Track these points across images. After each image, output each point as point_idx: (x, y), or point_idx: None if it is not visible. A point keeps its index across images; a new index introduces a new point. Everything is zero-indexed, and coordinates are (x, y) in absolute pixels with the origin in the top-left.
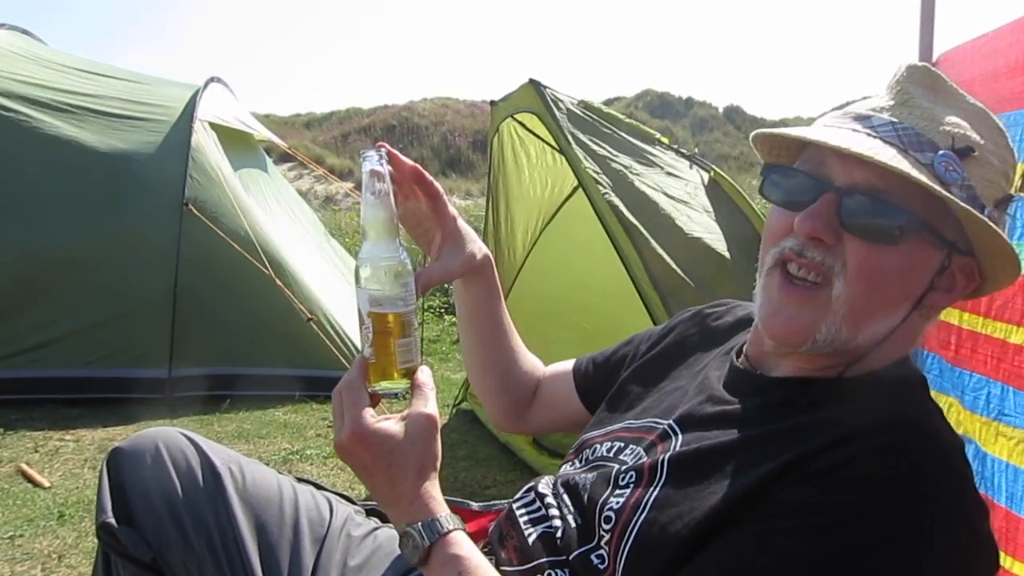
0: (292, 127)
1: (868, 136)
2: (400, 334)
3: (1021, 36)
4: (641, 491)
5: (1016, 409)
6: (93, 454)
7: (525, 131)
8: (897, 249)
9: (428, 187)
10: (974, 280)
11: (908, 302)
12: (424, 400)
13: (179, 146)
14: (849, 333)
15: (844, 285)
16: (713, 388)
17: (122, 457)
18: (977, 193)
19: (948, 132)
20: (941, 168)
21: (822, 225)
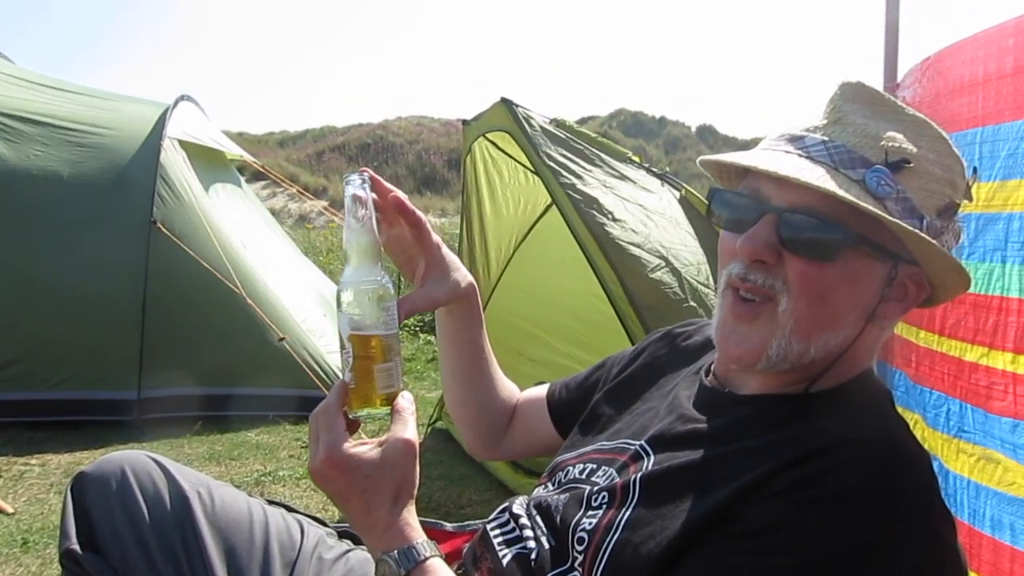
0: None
1: (799, 157)
2: (381, 359)
3: (960, 60)
4: (613, 512)
5: (975, 426)
6: (59, 479)
7: (497, 151)
8: (836, 264)
9: (410, 216)
10: (925, 288)
11: (858, 313)
12: (404, 425)
13: (147, 164)
14: (800, 347)
15: (788, 300)
16: (683, 407)
17: (87, 482)
18: (915, 204)
19: (882, 147)
20: (873, 183)
21: (761, 246)
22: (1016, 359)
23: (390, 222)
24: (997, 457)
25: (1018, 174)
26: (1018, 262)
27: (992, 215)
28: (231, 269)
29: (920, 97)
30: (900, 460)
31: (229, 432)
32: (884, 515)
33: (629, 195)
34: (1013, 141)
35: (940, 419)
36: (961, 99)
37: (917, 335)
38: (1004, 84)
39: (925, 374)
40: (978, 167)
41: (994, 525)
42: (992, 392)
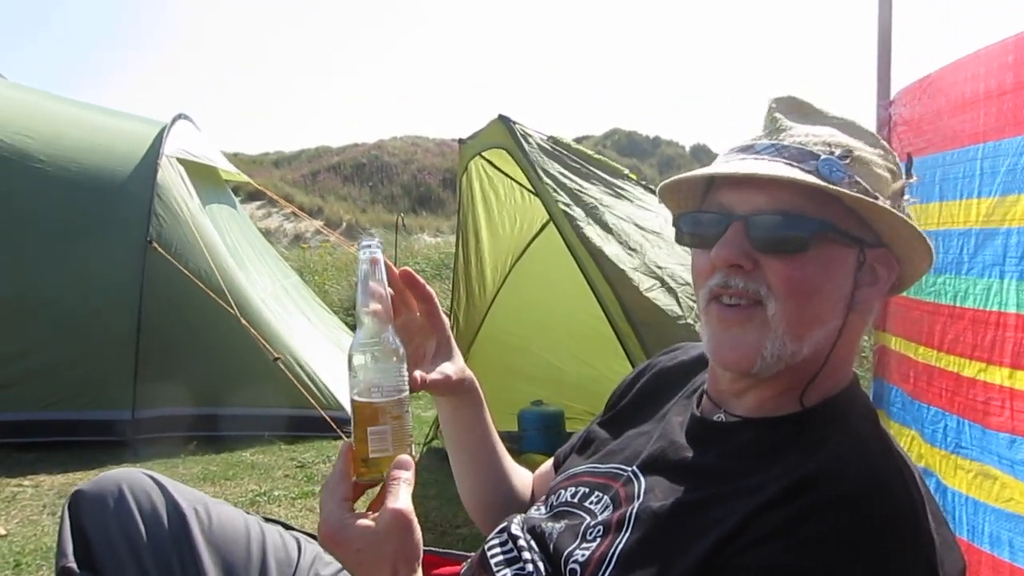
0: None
1: (755, 160)
2: (374, 422)
3: (960, 77)
4: (607, 544)
5: (972, 442)
6: (52, 500)
7: (494, 169)
8: (810, 256)
9: (421, 290)
10: (894, 268)
11: (840, 304)
12: (393, 495)
13: (144, 183)
14: (795, 346)
15: (776, 303)
16: (675, 435)
17: (84, 500)
18: (868, 187)
19: (824, 141)
20: (826, 171)
21: (735, 251)
22: (1013, 374)
23: (398, 308)
24: (995, 473)
25: (1017, 189)
26: (1016, 277)
27: (991, 230)
28: (226, 289)
29: (920, 114)
30: (884, 492)
31: (224, 452)
32: (872, 552)
33: (626, 213)
34: (1013, 157)
35: (938, 435)
36: (962, 116)
37: (916, 351)
38: (1004, 100)
39: (923, 390)
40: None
41: (993, 542)
42: (989, 408)
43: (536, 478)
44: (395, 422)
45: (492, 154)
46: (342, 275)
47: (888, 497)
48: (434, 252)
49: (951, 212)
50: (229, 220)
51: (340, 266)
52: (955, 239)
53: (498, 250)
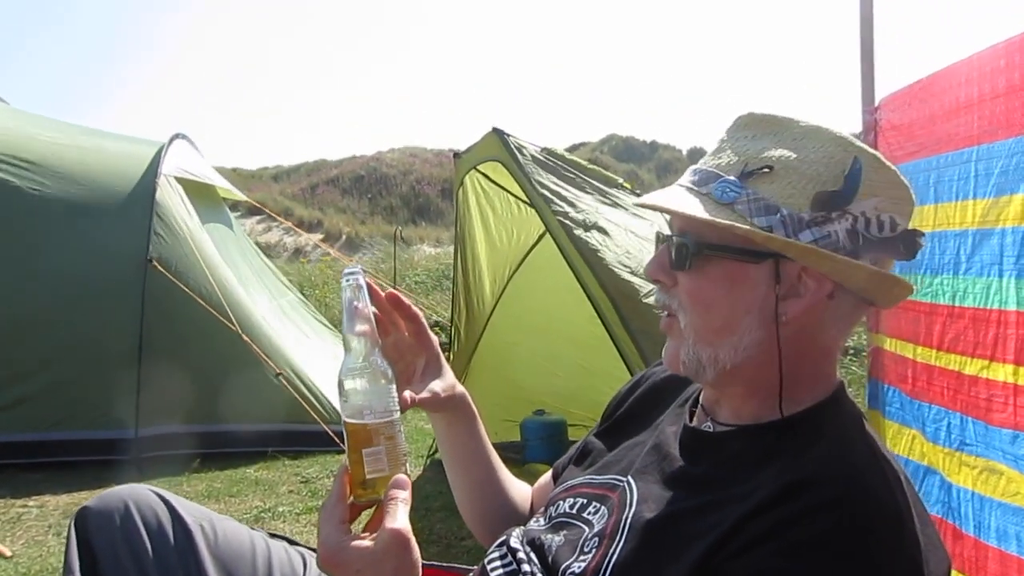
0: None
1: (676, 186)
2: (368, 443)
3: (953, 82)
4: (601, 554)
5: (976, 438)
6: (57, 520)
7: (489, 183)
8: (706, 272)
9: (407, 310)
10: (825, 282)
11: (755, 316)
12: (391, 515)
13: (143, 202)
14: (708, 352)
15: (684, 315)
16: (668, 446)
17: (90, 516)
18: (771, 202)
19: (741, 161)
20: (719, 193)
21: (653, 268)
22: (1017, 371)
23: (386, 328)
24: (1000, 468)
25: (1010, 190)
26: (1014, 275)
27: (987, 231)
28: (227, 306)
29: (911, 119)
30: (868, 494)
31: (228, 469)
32: (858, 557)
33: (621, 221)
34: (1006, 158)
35: (940, 433)
36: (956, 119)
37: (914, 351)
38: (997, 104)
39: (923, 389)
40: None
41: (1000, 536)
42: (992, 404)
43: (535, 490)
44: (388, 442)
45: (487, 167)
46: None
47: (872, 499)
48: (434, 263)
49: (946, 214)
50: (227, 238)
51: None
52: (951, 240)
53: (496, 262)
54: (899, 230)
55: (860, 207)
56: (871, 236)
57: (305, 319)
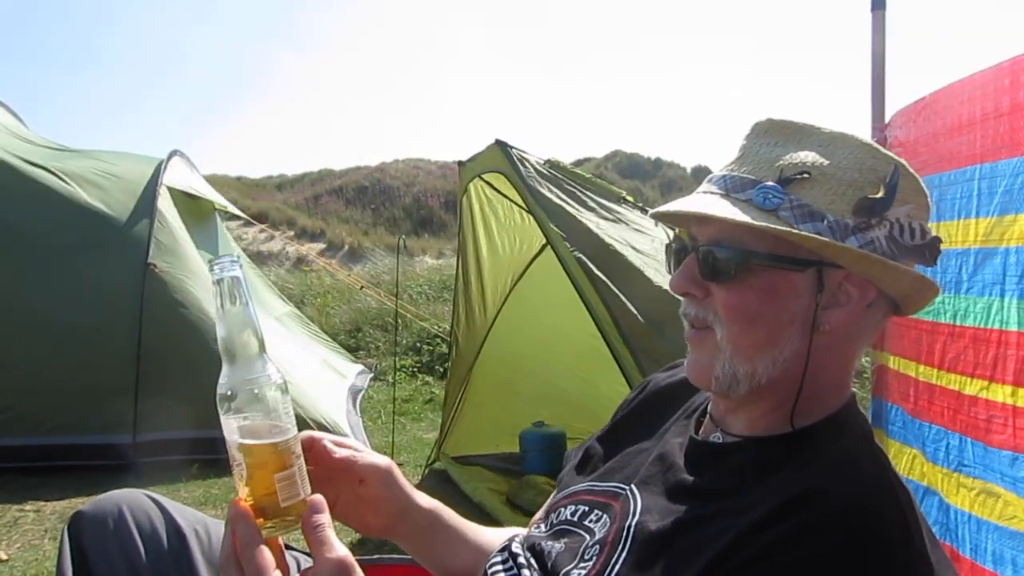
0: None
1: (701, 194)
2: (280, 467)
3: (956, 100)
4: (602, 562)
5: (975, 459)
6: (54, 524)
7: (493, 191)
8: (748, 283)
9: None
10: (868, 288)
11: (796, 327)
12: (326, 544)
13: (144, 209)
14: (745, 367)
15: (721, 328)
16: (673, 457)
17: (84, 521)
18: (814, 208)
19: (777, 167)
20: (760, 199)
21: (684, 282)
22: (1016, 392)
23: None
24: (997, 491)
25: (1014, 209)
26: (1016, 295)
27: (990, 249)
28: None
29: (916, 136)
30: (876, 512)
31: (225, 475)
32: (863, 572)
33: (622, 236)
34: (1009, 177)
35: (940, 453)
36: (959, 137)
37: (916, 370)
38: (1000, 123)
39: (924, 408)
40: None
41: (996, 560)
42: (992, 425)
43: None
44: (299, 461)
45: (491, 176)
46: (344, 298)
47: (880, 517)
48: (436, 274)
49: (949, 232)
50: (216, 247)
51: (342, 288)
52: (953, 259)
53: (498, 271)
54: (928, 237)
55: (896, 214)
56: (905, 243)
57: (296, 332)
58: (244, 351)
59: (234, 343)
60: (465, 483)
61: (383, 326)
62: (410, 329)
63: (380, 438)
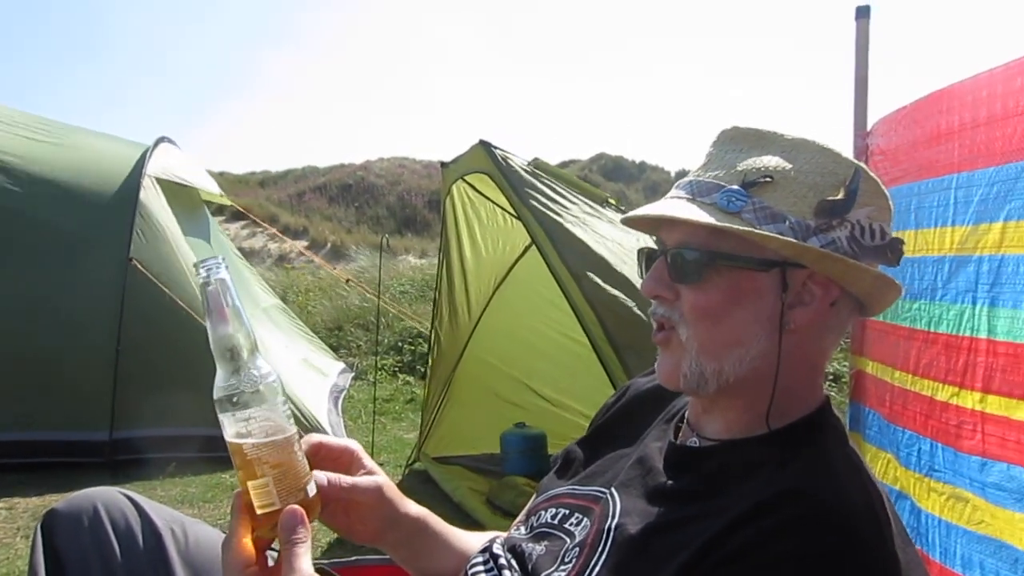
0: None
1: (671, 199)
2: (278, 464)
3: (935, 109)
4: (581, 564)
5: (945, 465)
6: (27, 522)
7: (476, 193)
8: (713, 284)
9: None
10: (831, 287)
11: (762, 326)
12: (298, 557)
13: (126, 202)
14: (712, 365)
15: (686, 328)
16: (653, 460)
17: (57, 519)
18: (776, 210)
19: (740, 171)
20: (724, 202)
21: (653, 284)
22: (985, 398)
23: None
24: (966, 496)
25: (989, 218)
26: (987, 303)
27: (964, 258)
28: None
29: (896, 144)
30: (849, 512)
31: (203, 474)
32: (837, 572)
33: (607, 233)
34: (985, 187)
35: (912, 458)
36: (937, 147)
37: (892, 375)
38: (977, 133)
39: (898, 413)
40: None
41: (965, 564)
42: (962, 431)
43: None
44: (296, 456)
45: (474, 178)
46: (326, 295)
47: (854, 518)
48: (418, 274)
49: (926, 239)
50: (204, 244)
51: (324, 287)
52: (930, 266)
53: (481, 273)
54: (888, 238)
55: (856, 215)
56: (866, 243)
57: (283, 326)
58: (235, 352)
59: (223, 345)
60: (445, 482)
61: (364, 325)
62: (392, 329)
63: (360, 438)
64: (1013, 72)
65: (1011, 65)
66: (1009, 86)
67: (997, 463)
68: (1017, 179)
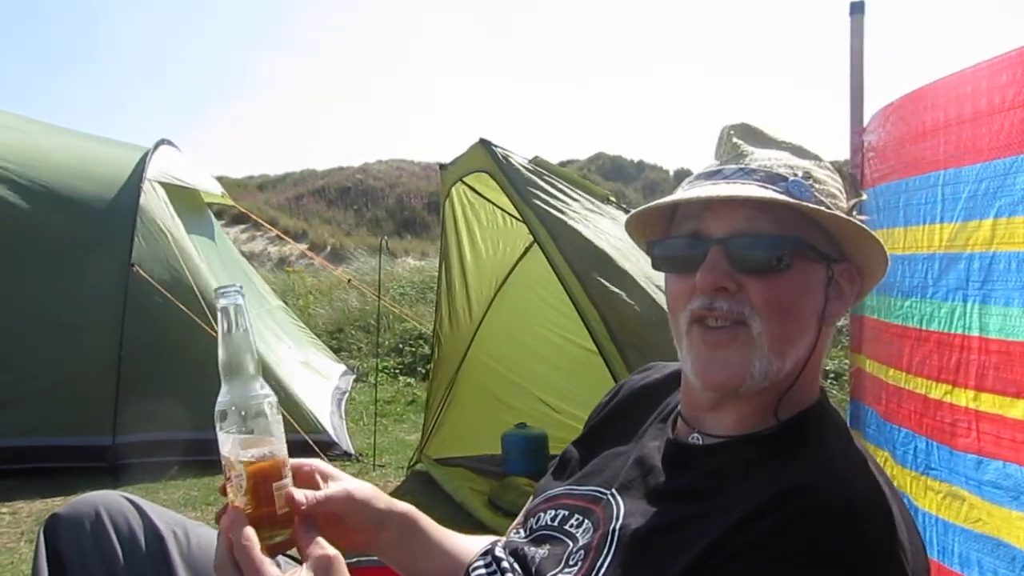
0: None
1: (728, 184)
2: (278, 477)
3: (920, 106)
4: (588, 566)
5: (940, 463)
6: (30, 527)
7: (475, 195)
8: (790, 275)
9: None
10: (856, 281)
11: (814, 319)
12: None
13: (127, 207)
14: (779, 363)
15: (761, 323)
16: (652, 460)
17: (60, 524)
18: (828, 204)
19: (785, 164)
20: (796, 191)
21: (721, 275)
22: (978, 396)
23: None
24: (962, 494)
25: (978, 215)
26: (978, 301)
27: (954, 255)
28: (208, 312)
29: (884, 141)
30: (860, 503)
31: (205, 477)
32: (847, 565)
33: (610, 230)
34: (973, 184)
35: (908, 456)
36: (923, 143)
37: (887, 373)
38: (963, 129)
39: (894, 411)
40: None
41: (962, 562)
42: (956, 429)
43: None
44: (289, 474)
45: (473, 180)
46: (326, 299)
47: (864, 508)
48: (418, 275)
49: (915, 237)
50: (208, 246)
51: (324, 289)
52: (920, 263)
53: (482, 275)
54: None
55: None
56: None
57: (286, 328)
58: (242, 372)
59: (233, 364)
60: (447, 482)
61: (365, 327)
62: (392, 331)
63: (362, 439)
64: (998, 68)
65: (996, 61)
66: (994, 81)
67: (992, 461)
68: (1006, 175)
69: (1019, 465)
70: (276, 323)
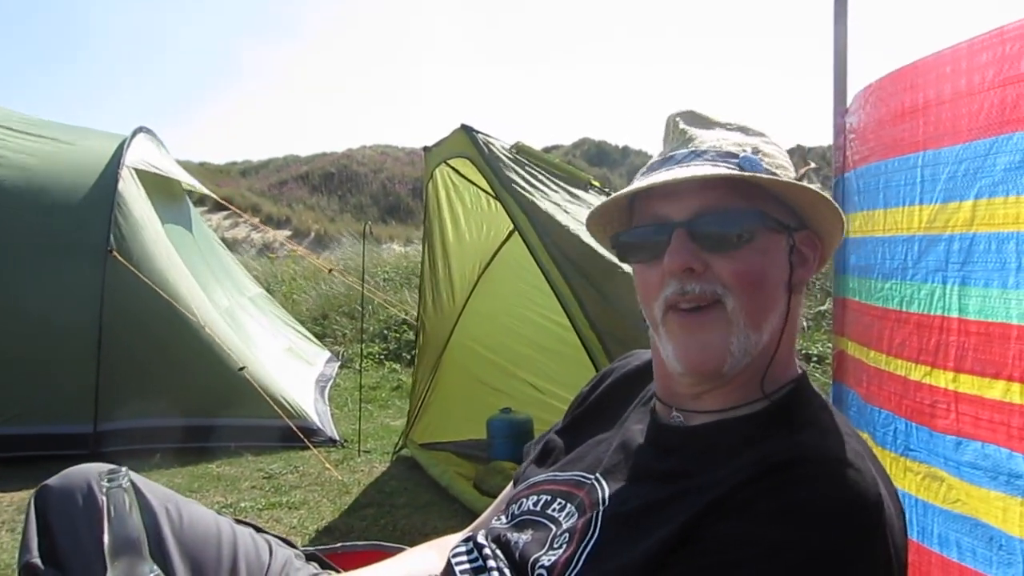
0: (228, 175)
1: (681, 168)
2: None
3: (899, 86)
4: (573, 548)
5: (919, 444)
6: (11, 516)
7: (459, 177)
8: (753, 247)
9: None
10: (817, 247)
11: (782, 287)
12: None
13: (105, 193)
14: (756, 336)
15: (733, 298)
16: (636, 442)
17: (50, 494)
18: (780, 175)
19: (734, 142)
20: (748, 165)
21: (687, 256)
22: (957, 377)
23: None
24: (941, 475)
25: (957, 197)
26: (957, 282)
27: (934, 236)
28: (188, 298)
29: (864, 122)
30: (848, 477)
31: (189, 464)
32: (841, 526)
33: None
34: (952, 165)
35: (888, 438)
36: (903, 124)
37: (867, 355)
38: (943, 110)
39: (875, 393)
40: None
41: (941, 543)
42: (936, 410)
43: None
44: None
45: (457, 162)
46: (310, 284)
47: (852, 479)
48: (403, 261)
49: (895, 219)
50: (184, 236)
51: (307, 275)
52: (900, 245)
53: (465, 257)
54: None
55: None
56: None
57: (268, 315)
58: (128, 555)
59: (120, 548)
60: (432, 467)
61: (350, 313)
62: (377, 316)
63: (347, 425)
64: (978, 48)
65: (975, 40)
66: (974, 61)
67: (971, 442)
68: (986, 157)
69: (997, 446)
70: (258, 310)
